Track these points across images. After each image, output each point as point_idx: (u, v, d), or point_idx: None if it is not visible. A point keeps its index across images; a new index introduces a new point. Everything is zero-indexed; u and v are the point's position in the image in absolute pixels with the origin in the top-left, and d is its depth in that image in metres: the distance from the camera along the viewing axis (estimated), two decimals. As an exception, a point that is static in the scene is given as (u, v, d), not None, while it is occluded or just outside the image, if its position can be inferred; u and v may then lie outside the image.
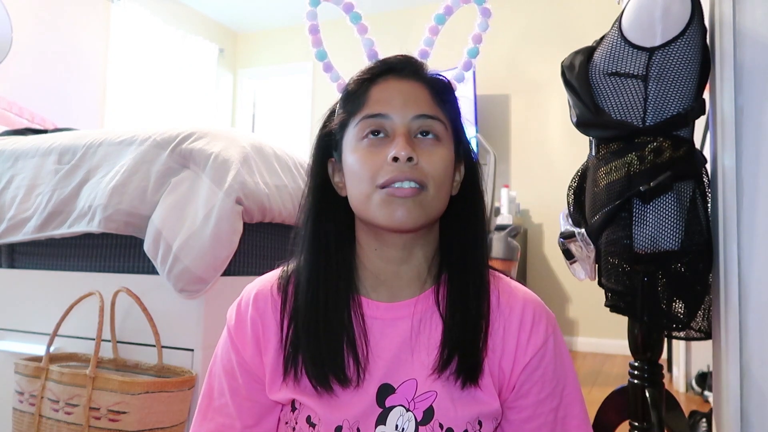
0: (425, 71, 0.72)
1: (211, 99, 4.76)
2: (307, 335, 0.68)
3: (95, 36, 3.80)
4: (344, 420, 0.67)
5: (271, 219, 1.44)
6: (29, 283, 1.57)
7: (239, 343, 0.73)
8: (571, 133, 1.30)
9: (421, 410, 0.67)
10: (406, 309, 0.70)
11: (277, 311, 0.72)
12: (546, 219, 3.95)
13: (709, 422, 1.83)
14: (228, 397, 0.73)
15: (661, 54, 1.04)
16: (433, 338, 0.69)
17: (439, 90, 0.71)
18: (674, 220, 1.07)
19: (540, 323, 0.71)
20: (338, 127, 0.71)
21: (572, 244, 1.20)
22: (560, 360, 0.73)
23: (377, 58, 0.77)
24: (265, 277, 0.76)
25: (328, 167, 0.74)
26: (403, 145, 0.64)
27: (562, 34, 3.86)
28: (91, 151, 1.46)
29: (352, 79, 0.73)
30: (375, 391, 0.68)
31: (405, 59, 0.72)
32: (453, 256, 0.72)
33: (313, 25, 0.83)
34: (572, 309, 3.85)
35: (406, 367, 0.69)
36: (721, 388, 1.03)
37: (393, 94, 0.68)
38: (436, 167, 0.66)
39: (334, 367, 0.67)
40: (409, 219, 0.64)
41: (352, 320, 0.69)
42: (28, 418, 1.24)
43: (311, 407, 0.68)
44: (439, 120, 0.68)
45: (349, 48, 0.89)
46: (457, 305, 0.69)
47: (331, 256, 0.70)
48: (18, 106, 2.58)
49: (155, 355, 1.29)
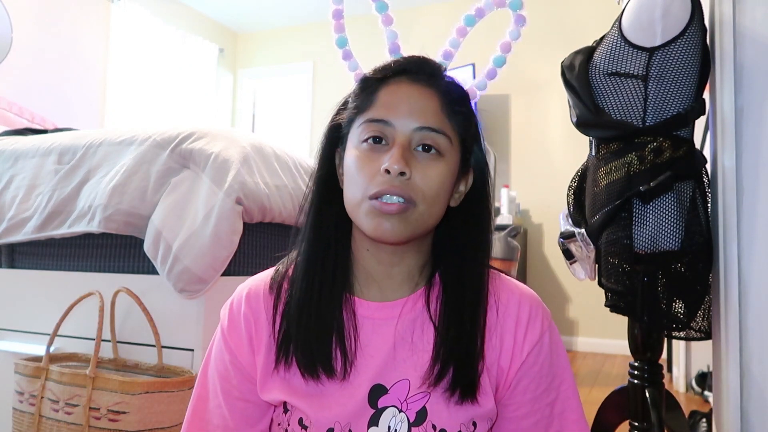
0: (441, 77, 0.70)
1: (211, 99, 4.76)
2: (299, 324, 0.68)
3: (95, 36, 3.80)
4: (335, 422, 0.67)
5: (271, 219, 1.44)
6: (29, 283, 1.57)
7: (233, 343, 0.72)
8: (571, 133, 1.30)
9: (414, 411, 0.67)
10: (396, 309, 0.70)
11: (269, 308, 0.71)
12: (546, 219, 3.95)
13: (709, 422, 1.83)
14: (221, 398, 0.72)
15: (661, 54, 1.04)
16: (425, 339, 0.69)
17: (452, 100, 0.68)
18: (674, 220, 1.07)
19: (536, 319, 0.71)
20: (346, 121, 0.70)
21: (572, 244, 1.20)
22: (556, 355, 0.73)
23: (399, 53, 0.74)
24: (258, 276, 0.76)
25: (335, 157, 0.73)
26: (398, 158, 0.62)
27: (562, 34, 3.86)
28: (91, 151, 1.46)
29: (367, 74, 0.71)
30: (367, 392, 0.68)
31: (421, 62, 0.70)
32: (450, 266, 0.71)
33: (338, 10, 0.78)
34: (572, 309, 3.85)
35: (399, 367, 0.68)
36: (721, 388, 1.03)
37: (400, 99, 0.66)
38: (430, 184, 0.65)
39: (322, 357, 0.67)
40: (393, 234, 0.64)
41: (343, 316, 0.69)
42: (28, 418, 1.24)
43: (302, 409, 0.68)
44: (444, 134, 0.66)
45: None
46: (452, 318, 0.68)
47: (330, 248, 0.70)
48: (18, 106, 2.58)
49: (155, 355, 1.29)
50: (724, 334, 1.00)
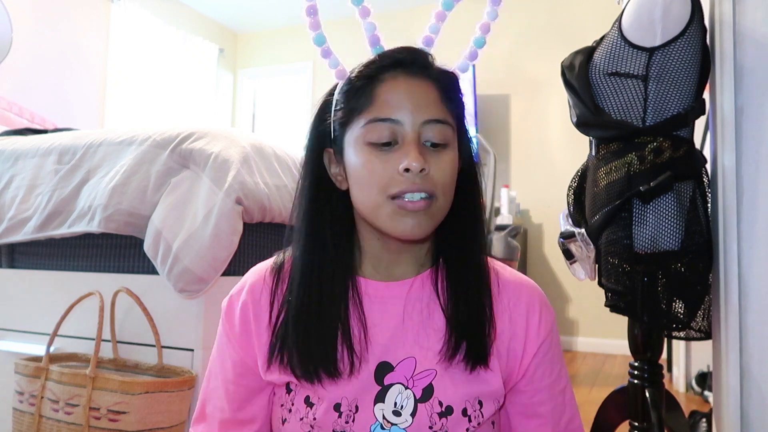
0: (432, 65, 0.70)
1: (211, 99, 4.75)
2: (296, 330, 0.68)
3: (95, 36, 3.80)
4: (343, 398, 0.68)
5: (271, 219, 1.44)
6: (29, 283, 1.57)
7: (230, 330, 0.74)
8: (571, 133, 1.30)
9: (420, 388, 0.68)
10: (404, 288, 0.71)
11: (269, 294, 0.73)
12: (546, 219, 3.95)
13: (709, 422, 1.83)
14: (219, 382, 0.75)
15: (661, 54, 1.04)
16: (432, 318, 0.70)
17: (447, 87, 0.69)
18: (674, 220, 1.07)
19: (548, 309, 0.75)
20: (340, 121, 0.69)
21: (572, 244, 1.20)
22: (559, 343, 0.77)
23: (379, 45, 0.73)
24: (260, 265, 0.78)
25: (323, 158, 0.72)
26: (416, 155, 0.63)
27: (562, 34, 3.86)
28: (91, 151, 1.46)
29: (356, 71, 0.69)
30: (373, 369, 0.69)
31: (413, 52, 0.69)
32: (452, 246, 0.72)
33: (311, 6, 0.76)
34: (572, 309, 3.85)
35: (405, 345, 0.69)
36: (721, 388, 1.03)
37: (403, 95, 0.65)
38: (445, 175, 0.66)
39: (325, 362, 0.67)
40: (419, 230, 0.65)
41: (349, 308, 0.69)
42: (28, 418, 1.24)
43: (308, 387, 0.69)
44: (448, 123, 0.67)
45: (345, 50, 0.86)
46: (459, 293, 0.69)
47: (327, 250, 0.70)
48: (18, 106, 2.58)
49: (155, 355, 1.29)
50: (724, 334, 1.00)
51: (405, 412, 0.67)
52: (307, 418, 0.68)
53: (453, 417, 0.67)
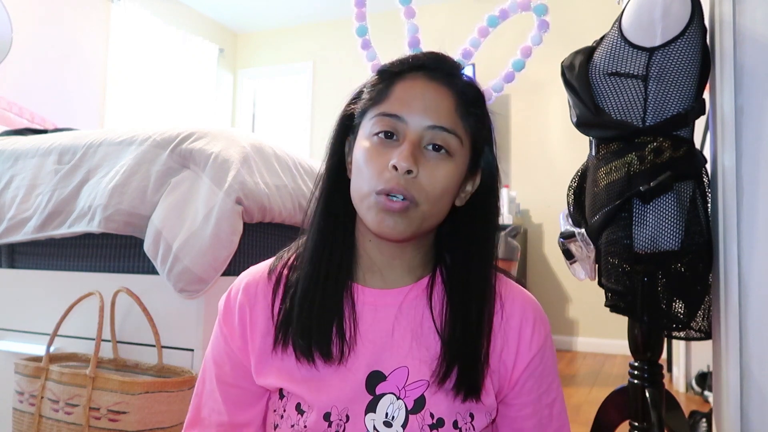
0: (458, 76, 0.70)
1: (211, 99, 4.75)
2: (301, 308, 0.68)
3: (95, 36, 3.80)
4: (333, 406, 0.67)
5: (271, 219, 1.44)
6: (29, 283, 1.57)
7: (227, 331, 0.74)
8: (571, 133, 1.30)
9: (412, 399, 0.67)
10: (398, 297, 0.71)
11: (268, 294, 0.72)
12: (546, 219, 3.95)
13: (709, 422, 1.83)
14: (215, 384, 0.74)
15: (661, 54, 1.04)
16: (425, 328, 0.69)
17: (467, 100, 0.68)
18: (674, 220, 1.07)
19: (542, 322, 0.73)
20: (360, 111, 0.70)
21: (572, 244, 1.20)
22: (553, 356, 0.75)
23: (419, 47, 0.73)
24: (258, 266, 0.77)
25: (345, 145, 0.73)
26: (406, 155, 0.63)
27: (562, 34, 3.84)
28: (91, 151, 1.46)
29: (384, 66, 0.71)
30: (365, 378, 0.68)
31: (440, 59, 0.70)
32: (454, 264, 0.71)
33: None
34: (572, 309, 3.85)
35: (398, 355, 0.69)
36: (721, 388, 1.03)
37: (415, 95, 0.66)
38: (436, 184, 0.65)
39: (320, 342, 0.67)
40: (395, 231, 0.64)
41: (344, 305, 0.69)
42: (28, 418, 1.24)
43: (299, 394, 0.68)
44: (455, 134, 0.66)
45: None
46: (457, 319, 0.68)
47: (337, 236, 0.70)
48: (18, 106, 2.58)
49: (155, 355, 1.29)
50: (724, 334, 1.00)
51: (396, 423, 0.66)
52: (298, 426, 0.68)
53: (444, 429, 0.66)
